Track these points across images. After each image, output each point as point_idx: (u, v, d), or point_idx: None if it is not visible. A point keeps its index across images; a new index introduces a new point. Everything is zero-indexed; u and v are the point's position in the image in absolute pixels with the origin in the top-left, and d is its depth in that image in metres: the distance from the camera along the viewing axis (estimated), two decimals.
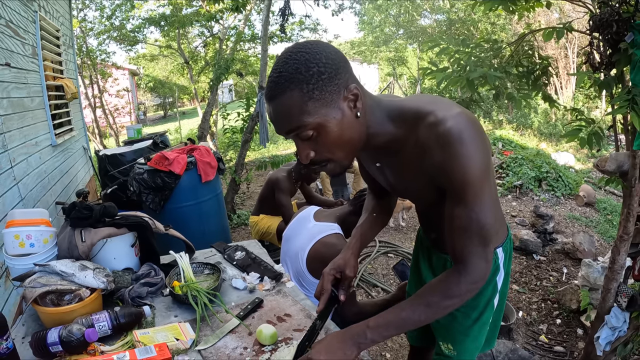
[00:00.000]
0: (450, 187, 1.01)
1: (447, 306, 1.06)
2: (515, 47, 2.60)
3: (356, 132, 1.00)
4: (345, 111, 0.96)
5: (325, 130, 0.95)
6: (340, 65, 0.96)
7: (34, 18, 3.69)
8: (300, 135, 0.97)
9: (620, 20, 1.92)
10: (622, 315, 2.51)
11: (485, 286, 1.30)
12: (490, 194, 1.03)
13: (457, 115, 0.97)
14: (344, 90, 0.96)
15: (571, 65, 11.84)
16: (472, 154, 0.95)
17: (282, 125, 0.98)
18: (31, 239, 1.62)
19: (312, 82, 0.91)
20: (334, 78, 0.94)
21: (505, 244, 1.33)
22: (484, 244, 1.03)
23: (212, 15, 7.57)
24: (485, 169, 0.98)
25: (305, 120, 0.93)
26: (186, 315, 1.49)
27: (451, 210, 1.04)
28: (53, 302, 1.42)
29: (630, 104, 1.85)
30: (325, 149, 0.99)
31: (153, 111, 26.31)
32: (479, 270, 1.05)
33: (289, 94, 0.92)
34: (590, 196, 5.85)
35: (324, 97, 0.93)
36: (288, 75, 0.92)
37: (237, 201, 5.93)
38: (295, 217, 2.22)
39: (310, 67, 0.91)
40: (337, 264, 1.31)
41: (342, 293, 1.27)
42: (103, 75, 10.72)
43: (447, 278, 1.07)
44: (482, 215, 1.01)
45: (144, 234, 1.79)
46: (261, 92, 4.91)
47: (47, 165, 3.65)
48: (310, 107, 0.92)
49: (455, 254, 1.07)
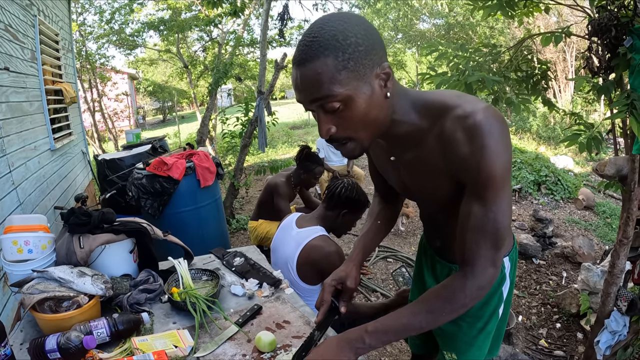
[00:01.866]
0: (473, 183, 0.97)
1: (450, 312, 1.02)
2: (514, 52, 2.60)
3: (382, 112, 0.96)
4: (375, 89, 0.92)
5: (353, 105, 0.91)
6: (376, 42, 0.92)
7: (33, 22, 3.70)
8: (325, 107, 0.92)
9: (618, 24, 1.92)
10: (622, 319, 2.51)
11: (492, 296, 1.27)
12: (509, 194, 1.00)
13: (486, 109, 0.94)
14: (377, 68, 0.92)
15: (569, 68, 11.86)
16: (500, 149, 0.92)
17: (308, 92, 0.91)
18: (29, 245, 1.62)
19: (349, 51, 0.87)
20: (370, 53, 0.90)
21: (511, 252, 1.30)
22: (495, 247, 1.00)
23: (211, 20, 7.59)
24: (508, 168, 0.96)
25: (335, 90, 0.88)
26: (185, 322, 1.48)
27: (468, 208, 1.00)
28: (51, 308, 1.41)
29: (629, 109, 1.85)
30: (349, 126, 0.94)
31: (152, 115, 26.32)
32: (487, 276, 1.01)
33: (323, 60, 0.86)
34: (589, 199, 5.86)
35: (358, 69, 0.88)
36: (324, 40, 0.87)
37: (236, 206, 5.93)
38: (279, 228, 2.22)
39: (348, 36, 0.87)
40: (338, 275, 1.28)
41: (342, 304, 1.25)
42: (102, 79, 10.73)
43: (452, 283, 1.03)
44: (500, 216, 0.97)
45: (143, 240, 1.78)
46: (260, 96, 4.92)
47: (45, 169, 3.64)
48: (343, 77, 0.87)
49: (464, 256, 1.02)
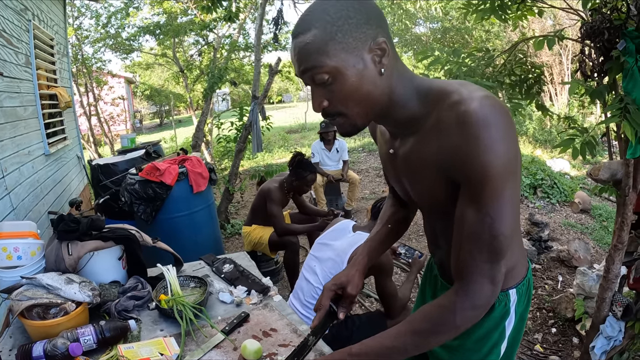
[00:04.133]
0: (465, 181, 0.89)
1: (437, 334, 0.94)
2: (507, 56, 2.60)
3: (377, 89, 0.91)
4: (367, 63, 0.89)
5: (342, 77, 0.88)
6: (373, 17, 0.90)
7: (28, 27, 3.69)
8: (315, 78, 0.90)
9: (611, 27, 1.90)
10: (617, 324, 2.50)
11: (492, 330, 1.14)
12: (512, 197, 0.88)
13: (484, 98, 0.86)
14: (371, 42, 0.88)
15: (565, 71, 11.90)
16: (497, 142, 0.83)
17: (299, 63, 0.91)
18: (19, 252, 1.63)
19: (338, 23, 0.86)
20: (362, 26, 0.87)
21: (521, 285, 1.15)
22: (493, 259, 0.90)
23: (207, 25, 7.59)
24: (510, 165, 0.85)
25: (323, 60, 0.87)
26: (172, 330, 1.47)
27: (462, 212, 0.91)
28: (39, 315, 1.41)
29: (623, 113, 1.84)
30: (340, 100, 0.91)
31: (149, 119, 26.34)
32: (482, 293, 0.91)
33: (312, 32, 0.87)
34: (585, 203, 5.85)
35: (347, 41, 0.86)
36: (315, 14, 0.88)
37: (231, 210, 5.92)
38: (331, 228, 2.40)
39: (340, 9, 0.87)
40: (339, 280, 1.22)
41: (341, 310, 1.19)
42: (98, 83, 10.72)
43: (441, 302, 0.95)
44: (498, 223, 0.87)
45: (131, 246, 1.77)
46: (254, 101, 4.91)
47: (39, 174, 3.63)
48: (330, 48, 0.86)
49: (456, 269, 0.94)
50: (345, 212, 5.55)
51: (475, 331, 1.12)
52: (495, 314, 1.12)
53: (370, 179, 7.65)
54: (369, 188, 7.12)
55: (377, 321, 2.29)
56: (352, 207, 5.84)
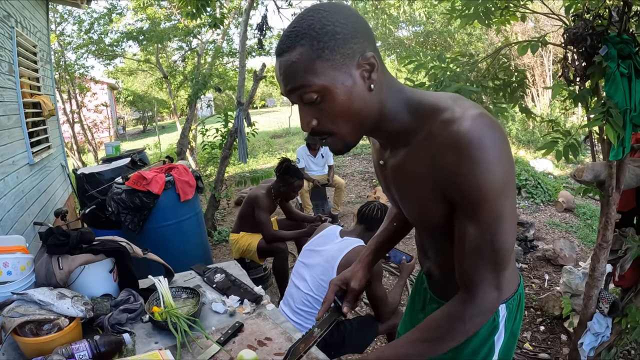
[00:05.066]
0: (462, 201, 0.89)
1: (449, 341, 0.97)
2: (491, 61, 2.64)
3: (366, 105, 0.89)
4: (356, 80, 0.86)
5: (331, 96, 0.85)
6: (360, 30, 0.87)
7: (11, 34, 3.63)
8: (303, 98, 0.87)
9: (594, 33, 1.94)
10: (604, 320, 2.54)
11: (481, 345, 1.16)
12: (510, 212, 0.89)
13: (478, 117, 0.85)
14: (359, 57, 0.86)
15: (547, 72, 12.07)
16: (492, 163, 0.83)
17: (286, 82, 0.88)
18: (8, 267, 1.61)
19: (325, 40, 0.83)
20: (349, 41, 0.84)
21: (511, 300, 1.15)
22: (496, 270, 0.92)
23: (190, 31, 7.55)
24: (506, 182, 0.86)
25: (311, 80, 0.84)
26: (167, 342, 1.46)
27: (462, 230, 0.91)
28: (32, 331, 1.39)
29: (605, 116, 1.88)
30: (329, 119, 0.89)
31: (132, 125, 26.06)
32: (488, 300, 0.93)
33: (298, 50, 0.83)
34: (569, 202, 5.94)
35: (335, 58, 0.83)
36: (300, 30, 0.84)
37: (218, 217, 5.88)
38: (318, 234, 2.39)
39: (325, 24, 0.83)
40: (344, 276, 1.26)
41: (346, 305, 1.21)
42: (81, 90, 10.58)
43: (450, 310, 0.97)
44: (498, 238, 0.89)
45: (122, 259, 1.76)
46: (239, 107, 4.90)
47: (24, 184, 3.58)
48: (318, 67, 0.83)
49: (461, 280, 0.96)
50: (332, 217, 5.57)
51: (464, 347, 1.13)
52: (483, 329, 1.12)
53: (355, 182, 7.67)
54: (354, 192, 7.14)
55: (368, 325, 2.30)
56: (339, 211, 5.86)
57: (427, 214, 1.00)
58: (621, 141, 1.96)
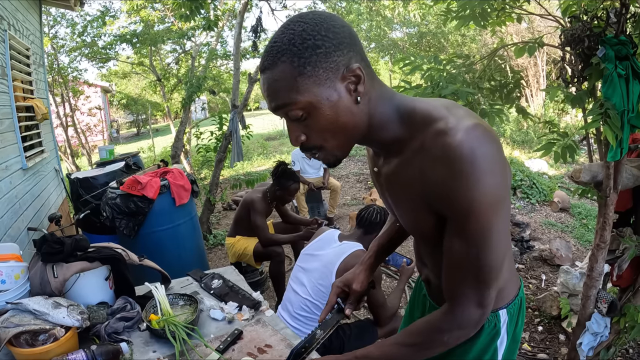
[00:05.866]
0: (450, 214, 0.87)
1: (428, 349, 0.98)
2: (487, 62, 2.63)
3: (354, 119, 0.87)
4: (342, 93, 0.84)
5: (317, 112, 0.84)
6: (344, 41, 0.84)
7: (3, 37, 3.58)
8: (289, 115, 0.86)
9: (591, 35, 1.94)
10: (602, 320, 2.54)
11: (484, 351, 1.14)
12: (500, 230, 0.87)
13: (472, 128, 0.83)
14: (344, 70, 0.83)
15: (541, 73, 12.13)
16: (484, 176, 0.81)
17: (270, 99, 0.87)
18: (2, 276, 1.57)
19: (305, 55, 0.80)
20: (332, 54, 0.82)
21: (512, 305, 1.13)
22: (480, 285, 0.90)
23: (184, 33, 7.51)
24: (497, 199, 0.84)
25: (294, 97, 0.82)
26: (165, 350, 1.44)
27: (449, 242, 0.90)
28: (27, 342, 1.36)
29: (603, 118, 1.88)
30: (316, 134, 0.88)
31: (126, 128, 25.97)
32: (468, 316, 0.92)
33: (280, 66, 0.82)
34: (564, 202, 5.96)
35: (317, 74, 0.81)
36: (281, 46, 0.82)
37: (213, 221, 5.85)
38: (317, 238, 2.39)
39: (306, 39, 0.81)
40: (346, 278, 1.28)
41: (348, 307, 1.23)
42: (75, 93, 10.52)
43: (431, 320, 0.98)
44: (484, 255, 0.87)
45: (118, 266, 1.72)
46: (234, 110, 4.88)
47: (17, 189, 3.53)
48: (300, 84, 0.81)
49: (445, 291, 0.96)
50: (328, 220, 5.55)
51: (468, 353, 1.13)
52: (484, 335, 1.11)
53: (350, 184, 7.67)
54: (349, 194, 7.14)
55: (367, 330, 2.29)
56: (334, 214, 5.85)
57: (420, 224, 0.99)
58: (619, 142, 1.96)
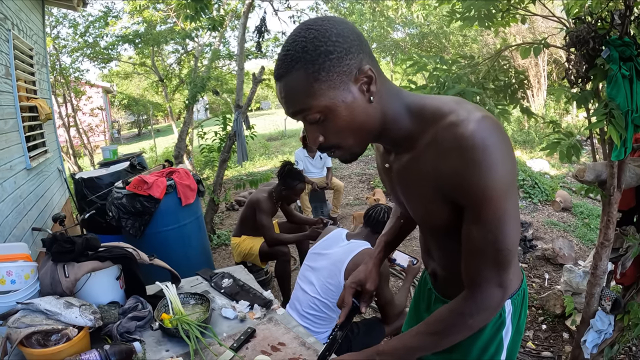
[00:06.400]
0: (466, 202, 0.92)
1: (454, 334, 1.00)
2: (492, 63, 2.65)
3: (369, 117, 0.92)
4: (356, 94, 0.89)
5: (334, 114, 0.88)
6: (354, 44, 0.88)
7: (7, 37, 3.59)
8: (306, 119, 0.91)
9: (596, 36, 1.96)
10: (606, 318, 2.56)
11: (490, 342, 1.18)
12: (513, 214, 0.92)
13: (482, 119, 0.88)
14: (357, 72, 0.88)
15: (542, 73, 12.14)
16: (496, 165, 0.86)
17: (287, 106, 0.91)
18: (12, 275, 1.56)
19: (319, 62, 0.84)
20: (344, 58, 0.86)
21: (516, 296, 1.18)
22: (499, 269, 0.95)
23: (188, 33, 7.52)
24: (509, 185, 0.89)
25: (311, 102, 0.87)
26: (178, 349, 1.44)
27: (467, 230, 0.95)
28: (39, 342, 1.35)
29: (608, 117, 1.90)
30: (334, 134, 0.92)
31: (127, 129, 25.98)
32: (491, 298, 0.96)
33: (295, 74, 0.86)
34: (566, 201, 5.97)
35: (332, 78, 0.86)
36: (294, 54, 0.86)
37: (216, 221, 5.86)
38: (324, 237, 2.40)
39: (318, 45, 0.84)
40: (358, 278, 1.31)
41: (363, 305, 1.28)
42: (77, 93, 10.53)
43: (455, 306, 1.00)
44: (501, 238, 0.91)
45: (129, 265, 1.73)
46: (238, 110, 4.89)
47: (22, 189, 3.54)
48: (316, 89, 0.86)
49: (466, 277, 0.99)
50: (331, 220, 5.57)
51: (474, 344, 1.17)
52: (490, 326, 1.15)
53: (353, 184, 7.68)
54: (352, 194, 7.15)
55: (375, 328, 2.31)
56: (338, 213, 5.86)
57: (432, 215, 1.02)
58: (623, 141, 1.98)
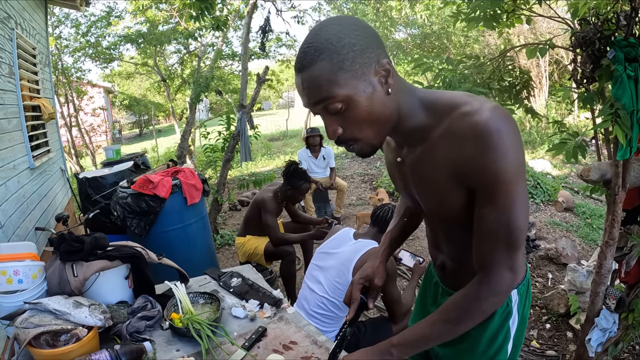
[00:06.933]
0: (480, 186, 0.96)
1: (467, 320, 1.02)
2: (497, 63, 2.65)
3: (387, 109, 0.96)
4: (376, 86, 0.92)
5: (355, 104, 0.91)
6: (372, 39, 0.93)
7: (11, 36, 3.58)
8: (328, 108, 0.93)
9: (602, 37, 1.98)
10: (611, 316, 2.57)
11: (497, 330, 1.20)
12: (523, 194, 0.96)
13: (495, 108, 0.93)
14: (376, 65, 0.92)
15: (543, 73, 12.14)
16: (508, 149, 0.91)
17: (310, 96, 0.93)
18: (19, 275, 1.55)
19: (343, 52, 0.88)
20: (366, 50, 0.90)
21: (521, 285, 1.21)
22: (510, 251, 0.98)
23: (191, 33, 7.53)
24: (519, 169, 0.93)
25: (335, 91, 0.89)
26: (188, 349, 1.44)
27: (480, 213, 0.98)
28: (48, 342, 1.33)
29: (614, 118, 1.91)
30: (354, 126, 0.95)
31: (128, 129, 25.99)
32: (502, 281, 0.99)
33: (319, 64, 0.89)
34: (569, 201, 5.98)
35: (355, 68, 0.89)
36: (318, 45, 0.89)
37: (219, 221, 5.86)
38: (332, 237, 2.41)
39: (341, 37, 0.89)
40: (365, 273, 1.33)
41: (370, 300, 1.30)
42: (78, 93, 10.53)
43: (467, 292, 1.03)
44: (513, 219, 0.95)
45: (138, 264, 1.72)
46: (242, 110, 4.89)
47: (25, 189, 3.54)
48: (340, 78, 0.89)
49: (478, 261, 1.02)
50: (335, 220, 5.58)
51: (482, 334, 1.19)
52: (498, 315, 1.18)
53: (355, 185, 7.68)
54: (355, 194, 7.15)
55: (382, 327, 2.31)
56: (341, 214, 5.86)
57: (445, 205, 1.06)
58: (628, 141, 1.99)
